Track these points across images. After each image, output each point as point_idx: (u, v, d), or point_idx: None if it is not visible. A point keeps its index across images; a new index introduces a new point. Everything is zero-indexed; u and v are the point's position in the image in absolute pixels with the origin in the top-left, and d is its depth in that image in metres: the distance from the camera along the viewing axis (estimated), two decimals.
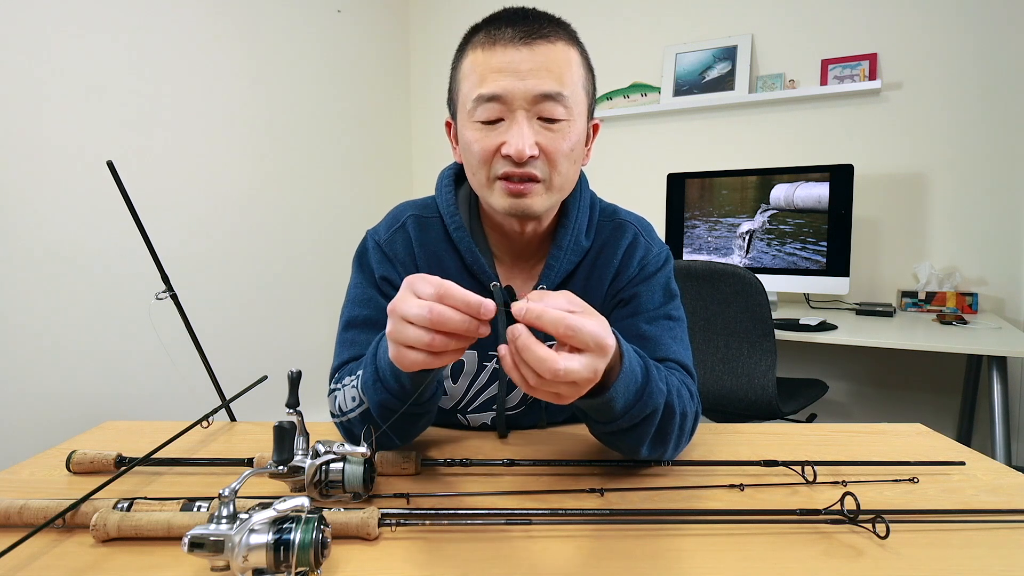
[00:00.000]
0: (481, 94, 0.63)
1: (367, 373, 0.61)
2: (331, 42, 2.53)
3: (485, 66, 0.63)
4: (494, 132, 0.64)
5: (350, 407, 0.64)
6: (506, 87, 0.62)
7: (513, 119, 0.63)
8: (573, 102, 0.65)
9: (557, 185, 0.67)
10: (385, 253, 0.75)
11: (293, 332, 2.36)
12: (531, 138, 0.63)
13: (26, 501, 0.53)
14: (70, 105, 1.58)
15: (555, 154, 0.64)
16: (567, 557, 0.49)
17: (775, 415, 1.62)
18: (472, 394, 0.78)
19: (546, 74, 0.62)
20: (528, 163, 0.64)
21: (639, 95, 2.56)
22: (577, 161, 0.69)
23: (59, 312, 1.56)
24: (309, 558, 0.42)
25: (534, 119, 0.64)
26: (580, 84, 0.66)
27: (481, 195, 0.70)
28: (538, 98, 0.62)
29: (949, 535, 0.53)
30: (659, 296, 0.75)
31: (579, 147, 0.68)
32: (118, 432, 0.82)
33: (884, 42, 2.15)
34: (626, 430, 0.59)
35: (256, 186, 2.18)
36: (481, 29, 0.66)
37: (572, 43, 0.66)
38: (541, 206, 0.67)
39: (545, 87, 0.62)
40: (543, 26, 0.63)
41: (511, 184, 0.65)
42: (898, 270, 2.19)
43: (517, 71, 0.62)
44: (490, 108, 0.63)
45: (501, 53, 0.63)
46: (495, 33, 0.64)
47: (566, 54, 0.64)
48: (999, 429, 1.52)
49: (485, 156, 0.65)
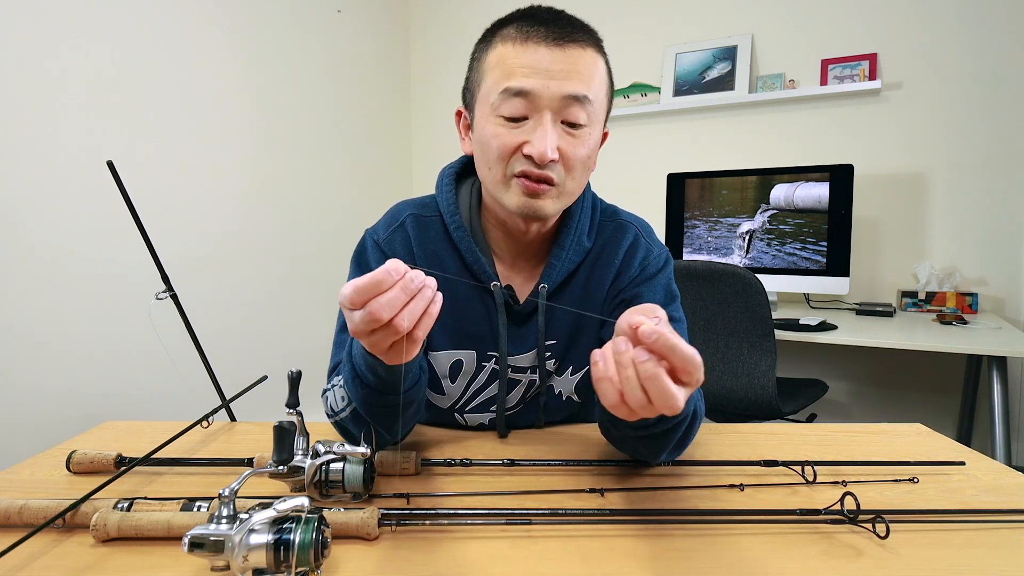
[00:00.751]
0: (509, 87, 0.62)
1: (346, 371, 0.61)
2: (331, 42, 2.52)
3: (515, 60, 0.63)
4: (517, 129, 0.64)
5: (340, 407, 0.64)
6: (536, 85, 0.62)
7: (539, 120, 0.63)
8: (596, 109, 0.65)
9: (569, 191, 0.67)
10: (384, 252, 0.75)
11: (293, 332, 2.36)
12: (555, 141, 0.63)
13: (26, 501, 0.53)
14: (70, 105, 1.58)
15: (573, 160, 0.65)
16: (567, 557, 0.49)
17: (775, 415, 1.62)
18: (470, 394, 0.78)
19: (576, 76, 0.62)
20: (548, 166, 0.64)
21: (639, 95, 2.56)
22: (590, 169, 0.69)
23: (59, 312, 1.56)
24: (309, 558, 0.42)
25: (558, 122, 0.64)
26: (603, 92, 0.67)
27: (493, 191, 0.69)
28: (566, 100, 0.62)
29: (949, 535, 0.53)
30: (660, 297, 0.75)
31: (594, 155, 0.68)
32: (118, 432, 0.82)
33: (884, 42, 2.15)
34: (658, 435, 0.59)
35: (256, 186, 2.18)
36: (512, 23, 0.65)
37: (600, 52, 0.66)
38: (552, 209, 0.67)
39: (574, 88, 0.62)
40: (575, 30, 0.63)
41: (529, 183, 0.64)
42: (898, 270, 2.19)
43: (548, 70, 0.62)
44: (516, 104, 0.63)
45: (533, 50, 0.62)
46: (528, 29, 0.63)
47: (595, 61, 0.64)
48: (999, 429, 1.52)
49: (504, 153, 0.65)
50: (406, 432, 0.69)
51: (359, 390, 0.59)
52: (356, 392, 0.60)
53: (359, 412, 0.62)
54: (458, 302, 0.74)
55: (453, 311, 0.74)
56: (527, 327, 0.76)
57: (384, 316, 0.44)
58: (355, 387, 0.59)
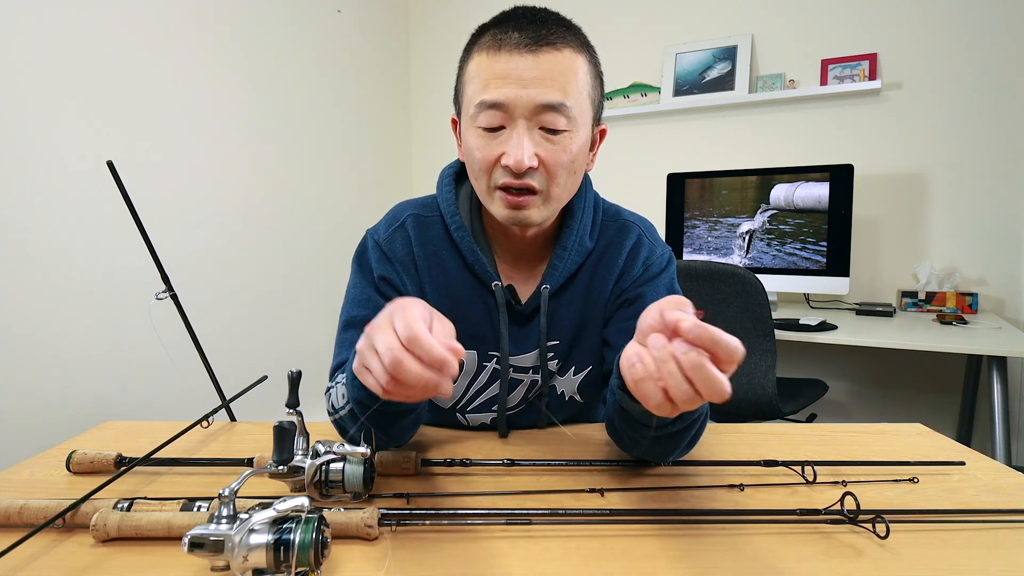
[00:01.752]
0: (483, 100, 0.63)
1: (348, 369, 0.60)
2: (331, 42, 2.53)
3: (489, 71, 0.63)
4: (495, 141, 0.64)
5: (340, 404, 0.64)
6: (508, 95, 0.62)
7: (514, 128, 0.63)
8: (577, 112, 0.64)
9: (555, 196, 0.67)
10: (384, 253, 0.75)
11: (293, 332, 2.36)
12: (530, 149, 0.62)
13: (26, 501, 0.53)
14: (70, 105, 1.58)
15: (554, 166, 0.64)
16: (567, 557, 0.49)
17: (775, 415, 1.62)
18: (471, 394, 0.78)
19: (550, 83, 0.61)
20: (527, 174, 0.63)
21: (639, 95, 2.56)
22: (578, 171, 0.68)
23: (59, 312, 1.56)
24: (309, 558, 0.42)
25: (535, 129, 0.63)
26: (585, 92, 0.65)
27: (482, 200, 0.70)
28: (540, 108, 0.62)
29: (949, 535, 0.53)
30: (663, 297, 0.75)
31: (581, 157, 0.67)
32: (118, 432, 0.82)
33: (884, 42, 2.15)
34: (674, 434, 0.58)
35: (256, 186, 2.18)
36: (489, 30, 0.65)
37: (580, 49, 0.65)
38: (539, 217, 0.67)
39: (547, 97, 0.61)
40: (551, 31, 0.62)
41: (509, 196, 0.65)
42: (898, 270, 2.19)
43: (520, 79, 0.61)
44: (491, 115, 0.63)
45: (506, 59, 0.62)
46: (501, 37, 0.63)
47: (572, 62, 0.63)
48: (999, 429, 1.52)
49: (485, 165, 0.65)
50: (407, 438, 0.69)
51: (356, 391, 0.59)
52: (353, 392, 0.59)
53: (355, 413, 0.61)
54: (459, 302, 0.74)
55: (454, 311, 0.74)
56: (529, 327, 0.76)
57: (392, 391, 0.45)
58: (354, 387, 0.59)
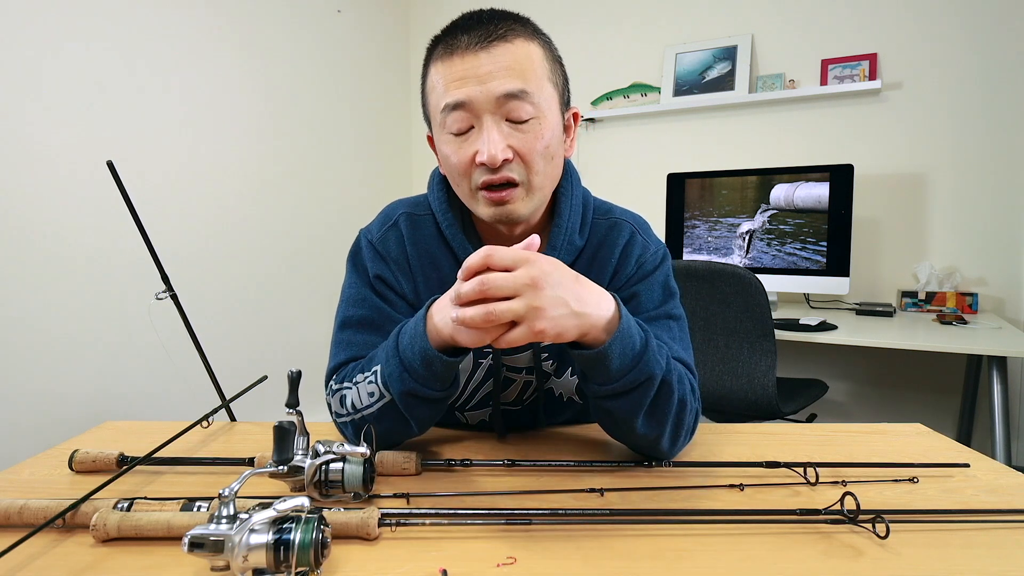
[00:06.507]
0: (447, 104, 0.64)
1: (391, 366, 0.62)
2: (331, 42, 2.53)
3: (447, 76, 0.64)
4: (467, 143, 0.65)
5: (366, 403, 0.65)
6: (469, 93, 0.62)
7: (481, 125, 0.63)
8: (540, 98, 0.64)
9: (537, 185, 0.67)
10: (378, 251, 0.75)
11: (293, 332, 2.36)
12: (501, 142, 0.63)
13: (26, 501, 0.53)
14: (70, 105, 1.58)
15: (529, 155, 0.65)
16: (567, 557, 0.49)
17: (775, 415, 1.62)
18: (469, 391, 0.78)
19: (507, 73, 0.62)
20: (503, 167, 0.64)
21: (639, 95, 2.56)
22: (556, 157, 0.68)
23: (59, 312, 1.56)
24: (309, 558, 0.42)
25: (502, 122, 0.64)
26: (546, 78, 0.66)
27: (467, 204, 0.70)
28: (502, 99, 0.62)
29: (949, 535, 0.53)
30: (658, 294, 0.75)
31: (555, 143, 0.67)
32: (118, 432, 0.82)
33: (884, 42, 2.15)
34: (620, 394, 0.60)
35: (256, 186, 2.18)
36: (440, 41, 0.66)
37: (531, 38, 0.65)
38: (525, 209, 0.67)
39: (506, 87, 0.62)
40: (499, 26, 0.63)
41: (491, 193, 0.65)
42: (898, 270, 2.19)
43: (477, 76, 0.62)
44: (457, 117, 0.64)
45: (460, 61, 0.63)
46: (452, 43, 0.64)
47: (525, 50, 0.64)
48: (999, 429, 1.52)
49: (462, 168, 0.66)
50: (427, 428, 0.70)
51: (405, 384, 0.61)
52: (400, 387, 0.61)
53: (388, 408, 0.63)
54: None
55: None
56: None
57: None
58: (402, 381, 0.61)
